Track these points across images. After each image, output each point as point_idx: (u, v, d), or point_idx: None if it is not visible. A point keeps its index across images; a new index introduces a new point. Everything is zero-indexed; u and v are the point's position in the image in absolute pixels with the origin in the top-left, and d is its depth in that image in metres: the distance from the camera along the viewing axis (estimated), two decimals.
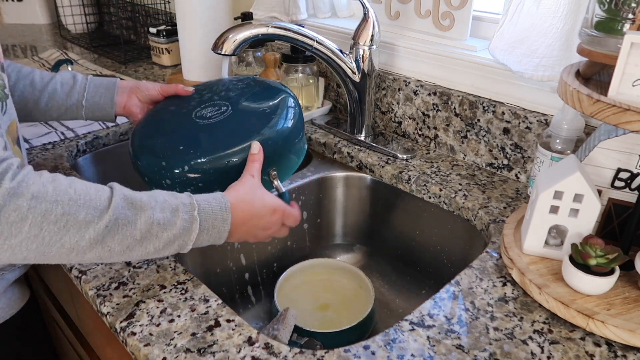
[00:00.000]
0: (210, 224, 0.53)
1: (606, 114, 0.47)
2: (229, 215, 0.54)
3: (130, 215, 0.49)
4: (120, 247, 0.49)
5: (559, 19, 0.68)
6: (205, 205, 0.53)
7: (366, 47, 0.86)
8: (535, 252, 0.60)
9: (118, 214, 0.48)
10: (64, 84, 0.75)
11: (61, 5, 1.64)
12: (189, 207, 0.52)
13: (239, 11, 1.17)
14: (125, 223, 0.48)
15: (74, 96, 0.74)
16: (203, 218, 0.53)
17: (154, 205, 0.51)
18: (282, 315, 0.65)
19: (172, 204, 0.52)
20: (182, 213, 0.51)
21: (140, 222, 0.49)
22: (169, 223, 0.51)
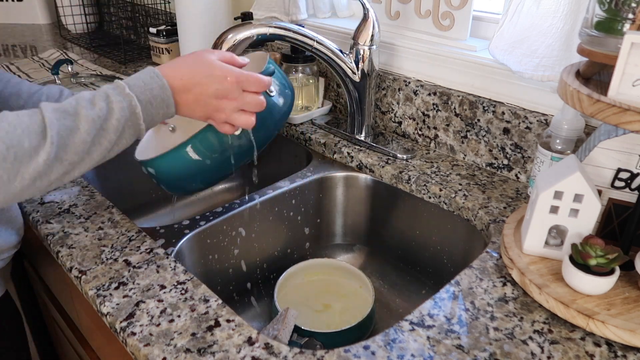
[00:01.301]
0: (150, 95, 0.53)
1: (606, 114, 0.47)
2: (163, 80, 0.53)
3: (69, 123, 0.49)
4: (78, 156, 0.49)
5: (559, 19, 0.68)
6: (135, 81, 0.53)
7: (366, 47, 0.86)
8: (535, 252, 0.60)
9: (58, 127, 0.48)
10: (49, 96, 0.75)
11: (61, 5, 1.64)
12: (119, 88, 0.52)
13: (239, 11, 1.17)
14: (68, 132, 0.49)
15: None
16: (138, 92, 0.52)
17: (86, 104, 0.50)
18: (282, 315, 0.65)
19: (101, 94, 0.51)
20: (113, 97, 0.51)
21: (82, 124, 0.49)
22: (108, 111, 0.51)
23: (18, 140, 0.46)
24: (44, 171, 0.48)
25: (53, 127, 0.48)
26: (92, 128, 0.50)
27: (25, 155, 0.46)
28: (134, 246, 0.64)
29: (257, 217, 0.82)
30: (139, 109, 0.52)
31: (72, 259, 0.62)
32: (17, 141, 0.46)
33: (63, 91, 0.77)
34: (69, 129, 0.49)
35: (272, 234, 0.86)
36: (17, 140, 0.46)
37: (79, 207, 0.73)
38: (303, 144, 0.99)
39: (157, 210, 1.06)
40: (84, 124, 0.49)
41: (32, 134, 0.47)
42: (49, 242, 0.66)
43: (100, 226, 0.68)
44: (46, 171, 0.48)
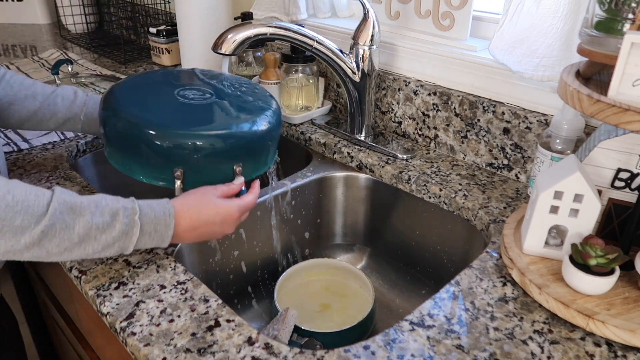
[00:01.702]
0: (152, 229, 0.55)
1: (606, 114, 0.47)
2: (172, 221, 0.56)
3: (68, 220, 0.50)
4: (58, 249, 0.51)
5: (559, 19, 0.68)
6: (148, 210, 0.55)
7: (366, 47, 0.86)
8: (535, 252, 0.60)
9: (55, 219, 0.49)
10: (64, 99, 0.76)
11: (61, 5, 1.64)
12: (130, 211, 0.54)
13: (239, 11, 1.17)
14: (62, 228, 0.50)
15: (72, 111, 0.76)
16: (144, 222, 0.54)
17: (94, 209, 0.52)
18: (282, 315, 0.65)
19: (113, 208, 0.53)
20: (122, 217, 0.53)
21: (78, 227, 0.51)
22: (108, 226, 0.52)
23: (12, 216, 0.47)
24: (20, 251, 0.49)
25: (52, 218, 0.49)
26: (85, 234, 0.51)
27: (10, 231, 0.48)
28: None
29: (257, 217, 0.82)
30: (135, 237, 0.54)
31: None
32: (11, 217, 0.47)
33: (77, 92, 0.78)
34: (64, 225, 0.50)
35: (272, 234, 0.86)
36: (11, 215, 0.47)
37: None
38: (303, 144, 0.99)
39: None
40: (81, 227, 0.51)
41: (28, 215, 0.48)
42: None
43: None
44: (22, 251, 0.49)
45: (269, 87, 1.03)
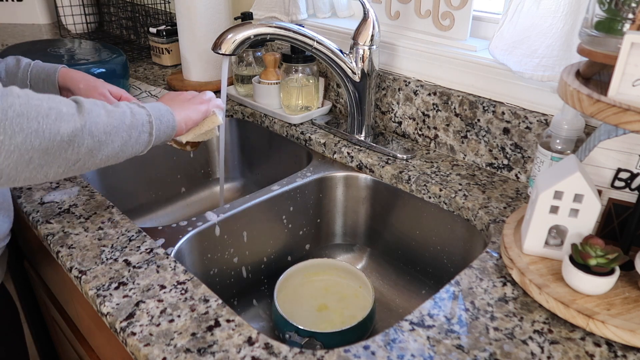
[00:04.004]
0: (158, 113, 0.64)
1: (606, 114, 0.47)
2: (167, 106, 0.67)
3: (98, 109, 0.56)
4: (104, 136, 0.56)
5: (559, 19, 0.68)
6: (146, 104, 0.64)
7: (366, 47, 0.86)
8: (535, 252, 0.60)
9: (90, 106, 0.55)
10: (8, 71, 0.77)
11: (61, 5, 1.64)
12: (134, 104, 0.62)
13: (239, 11, 1.17)
14: (97, 114, 0.55)
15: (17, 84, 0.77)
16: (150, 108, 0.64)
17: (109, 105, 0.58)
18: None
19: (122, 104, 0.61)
20: (134, 107, 0.61)
21: (108, 114, 0.57)
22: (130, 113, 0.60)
23: (57, 104, 0.52)
24: (78, 137, 0.52)
25: (86, 106, 0.55)
26: (115, 119, 0.57)
27: (63, 117, 0.51)
28: (134, 246, 0.64)
29: (257, 217, 0.82)
30: (152, 118, 0.62)
31: (72, 259, 0.62)
32: (57, 104, 0.51)
33: (20, 61, 0.79)
34: (97, 112, 0.55)
35: (272, 234, 0.86)
36: (56, 104, 0.51)
37: (79, 207, 0.73)
38: (303, 144, 0.99)
39: (157, 210, 1.06)
40: (110, 114, 0.57)
41: (68, 105, 0.53)
42: (49, 242, 0.66)
43: (100, 226, 0.68)
44: (80, 138, 0.53)
45: (268, 87, 1.03)
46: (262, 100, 1.05)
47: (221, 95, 0.80)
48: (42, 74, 0.78)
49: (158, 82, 1.25)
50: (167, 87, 1.20)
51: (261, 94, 1.04)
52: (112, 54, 1.08)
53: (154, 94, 1.14)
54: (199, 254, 0.75)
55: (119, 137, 0.57)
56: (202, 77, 1.19)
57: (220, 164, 0.88)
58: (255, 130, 1.09)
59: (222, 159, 0.86)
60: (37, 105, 0.49)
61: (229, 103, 1.12)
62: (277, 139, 1.05)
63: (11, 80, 0.77)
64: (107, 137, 0.56)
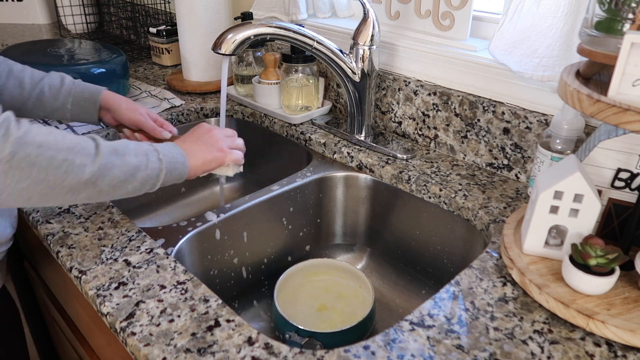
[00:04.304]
0: (173, 166, 0.64)
1: (606, 114, 0.47)
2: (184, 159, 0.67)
3: (115, 160, 0.57)
4: (108, 188, 0.57)
5: (559, 19, 0.68)
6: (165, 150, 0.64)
7: (366, 47, 0.86)
8: (535, 252, 0.60)
9: (106, 159, 0.56)
10: (51, 86, 0.77)
11: (61, 5, 1.64)
12: (155, 152, 0.63)
13: (239, 11, 1.17)
14: (111, 167, 0.57)
15: (59, 99, 0.79)
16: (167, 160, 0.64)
17: (129, 151, 0.60)
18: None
19: (142, 150, 0.62)
20: (151, 156, 0.62)
21: (122, 165, 0.58)
22: (144, 165, 0.60)
23: (73, 156, 0.54)
24: (79, 190, 0.55)
25: (104, 158, 0.56)
26: (128, 172, 0.59)
27: (74, 170, 0.54)
28: (134, 246, 0.64)
29: (257, 217, 0.82)
30: (163, 173, 0.63)
31: (72, 259, 0.62)
32: (73, 157, 0.54)
33: (64, 79, 0.80)
34: (112, 164, 0.57)
35: (272, 234, 0.86)
36: (72, 156, 0.54)
37: (79, 207, 0.73)
38: (303, 144, 0.99)
39: (157, 210, 1.06)
40: (124, 166, 0.58)
41: (84, 155, 0.55)
42: (49, 242, 0.66)
43: (100, 226, 0.68)
44: (80, 189, 0.55)
45: (269, 87, 1.03)
46: (262, 100, 1.05)
47: (221, 95, 0.80)
48: (86, 92, 0.80)
49: (158, 82, 1.25)
50: (167, 87, 1.20)
51: (261, 94, 1.04)
52: (112, 54, 1.08)
53: (153, 94, 1.14)
54: (199, 254, 0.75)
55: (122, 189, 0.59)
56: (202, 77, 1.19)
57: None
58: (255, 130, 1.09)
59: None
60: (51, 157, 0.52)
61: (229, 103, 1.12)
62: (277, 139, 1.05)
63: (54, 96, 0.78)
64: (110, 189, 0.58)
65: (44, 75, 0.79)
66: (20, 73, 0.77)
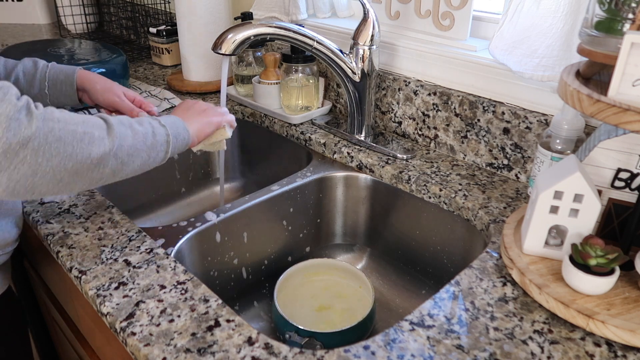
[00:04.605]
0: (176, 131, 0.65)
1: (606, 114, 0.47)
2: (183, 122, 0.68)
3: (125, 130, 0.58)
4: (127, 157, 0.58)
5: (559, 19, 0.68)
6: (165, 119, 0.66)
7: (366, 47, 0.86)
8: (535, 252, 0.60)
9: (118, 129, 0.57)
10: (25, 73, 0.78)
11: (61, 5, 1.64)
12: (155, 120, 0.64)
13: (239, 11, 1.17)
14: (124, 136, 0.58)
15: (35, 85, 0.79)
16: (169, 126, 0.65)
17: (135, 122, 0.61)
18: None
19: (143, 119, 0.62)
20: (154, 123, 0.63)
21: (134, 134, 0.59)
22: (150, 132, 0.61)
23: (91, 128, 0.55)
24: (106, 160, 0.56)
25: (115, 128, 0.57)
26: (139, 140, 0.60)
27: (95, 141, 0.54)
28: (134, 246, 0.64)
29: (257, 217, 0.82)
30: (170, 138, 0.64)
31: (72, 259, 0.62)
32: (91, 129, 0.54)
33: (37, 63, 0.80)
34: (124, 133, 0.58)
35: (272, 234, 0.86)
36: (90, 128, 0.54)
37: (79, 207, 0.73)
38: (303, 144, 0.99)
39: (157, 210, 1.06)
40: (135, 134, 0.59)
41: (100, 128, 0.56)
42: (49, 242, 0.66)
43: (100, 226, 0.68)
44: (106, 160, 0.56)
45: (268, 87, 1.03)
46: (262, 100, 1.05)
47: (221, 95, 0.80)
48: (61, 74, 0.80)
49: (158, 82, 1.25)
50: (167, 87, 1.20)
51: (261, 94, 1.04)
52: (112, 54, 1.08)
53: (154, 94, 1.14)
54: (199, 254, 0.75)
55: (139, 158, 0.60)
56: (202, 77, 1.19)
57: (221, 163, 0.88)
58: (255, 130, 1.09)
59: (222, 158, 0.86)
60: (73, 131, 0.53)
61: (229, 103, 1.12)
62: (277, 139, 1.05)
63: (29, 83, 0.78)
64: (129, 158, 0.59)
65: (17, 63, 0.79)
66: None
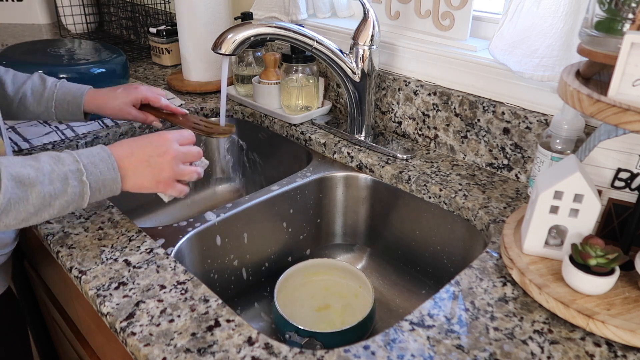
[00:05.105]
0: (101, 184, 0.58)
1: (606, 114, 0.47)
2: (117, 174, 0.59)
3: (21, 194, 0.52)
4: (16, 221, 0.53)
5: (559, 19, 0.68)
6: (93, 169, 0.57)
7: (366, 47, 0.86)
8: (535, 252, 0.60)
9: (10, 195, 0.51)
10: (34, 91, 0.77)
11: (61, 5, 1.64)
12: (77, 173, 0.56)
13: (239, 11, 1.17)
14: (17, 201, 0.52)
15: (42, 104, 0.79)
16: (92, 180, 0.57)
17: (42, 178, 0.54)
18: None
19: (61, 173, 0.55)
20: (71, 180, 0.56)
21: (32, 198, 0.53)
22: (61, 193, 0.55)
23: None
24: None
25: (6, 194, 0.51)
26: (41, 203, 0.54)
27: None
28: (134, 246, 0.64)
29: (257, 217, 0.82)
30: (87, 196, 0.58)
31: (72, 259, 0.62)
32: None
33: (46, 81, 0.80)
34: (18, 199, 0.52)
35: (272, 234, 0.86)
36: None
37: None
38: (303, 144, 0.99)
39: (157, 210, 1.06)
40: (35, 198, 0.53)
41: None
42: (49, 242, 0.66)
43: (100, 226, 0.68)
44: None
45: (268, 87, 1.03)
46: (262, 100, 1.05)
47: (221, 95, 0.80)
48: (69, 96, 0.79)
49: (158, 82, 1.25)
50: (167, 87, 1.20)
51: (261, 94, 1.04)
52: (112, 54, 1.08)
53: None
54: (199, 254, 0.75)
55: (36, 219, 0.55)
56: (202, 77, 1.19)
57: (221, 163, 0.87)
58: (255, 130, 1.09)
59: (222, 158, 0.86)
60: None
61: (229, 103, 1.12)
62: (277, 139, 1.05)
63: (37, 101, 0.78)
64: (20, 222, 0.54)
65: (27, 78, 0.79)
66: (3, 76, 0.77)
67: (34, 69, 0.90)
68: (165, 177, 0.64)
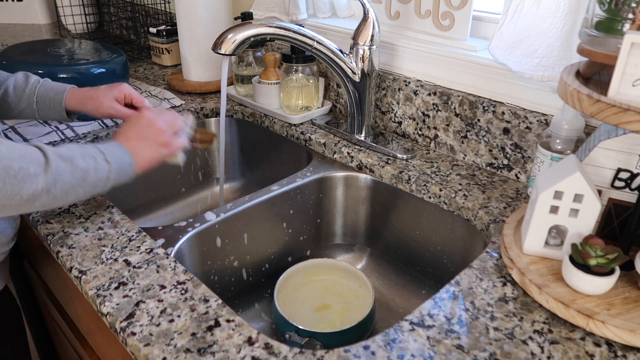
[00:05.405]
0: (120, 166, 0.63)
1: (606, 114, 0.47)
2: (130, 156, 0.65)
3: (64, 165, 0.57)
4: (61, 194, 0.57)
5: (559, 19, 0.68)
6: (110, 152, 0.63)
7: (366, 47, 0.86)
8: (535, 252, 0.60)
9: (56, 165, 0.56)
10: (16, 87, 0.78)
11: (61, 5, 1.64)
12: (100, 154, 0.62)
13: (239, 11, 1.17)
14: (62, 172, 0.57)
15: (24, 100, 0.79)
16: (114, 161, 0.63)
17: (76, 155, 0.59)
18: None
19: (89, 152, 0.61)
20: (98, 159, 0.61)
21: (73, 169, 0.58)
22: (92, 169, 0.60)
23: (27, 164, 0.54)
24: (36, 197, 0.55)
25: (53, 164, 0.56)
26: (80, 176, 0.59)
27: (29, 177, 0.53)
28: (134, 246, 0.64)
29: (257, 217, 0.82)
30: (113, 175, 0.62)
31: (72, 259, 0.62)
32: (27, 165, 0.54)
33: (29, 78, 0.80)
34: (63, 170, 0.57)
35: (272, 235, 0.86)
36: (26, 164, 0.53)
37: (79, 207, 0.73)
38: (303, 144, 0.99)
39: (157, 210, 1.06)
40: (75, 170, 0.58)
41: (36, 163, 0.55)
42: (49, 242, 0.66)
43: (100, 226, 0.68)
44: (37, 197, 0.55)
45: (268, 87, 1.03)
46: (262, 100, 1.05)
47: (221, 95, 0.80)
48: (50, 92, 0.79)
49: (158, 82, 1.25)
50: (167, 87, 1.20)
51: (261, 94, 1.04)
52: (112, 54, 1.08)
53: (154, 94, 1.14)
54: (199, 254, 0.75)
55: (74, 194, 0.59)
56: (202, 77, 1.19)
57: (221, 163, 0.88)
58: (255, 130, 1.09)
59: (222, 158, 0.86)
60: (7, 166, 0.52)
61: (229, 103, 1.12)
62: (277, 139, 1.05)
63: (18, 97, 0.78)
64: (63, 194, 0.58)
65: (9, 75, 0.79)
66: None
67: (34, 69, 0.90)
68: (164, 140, 0.69)
